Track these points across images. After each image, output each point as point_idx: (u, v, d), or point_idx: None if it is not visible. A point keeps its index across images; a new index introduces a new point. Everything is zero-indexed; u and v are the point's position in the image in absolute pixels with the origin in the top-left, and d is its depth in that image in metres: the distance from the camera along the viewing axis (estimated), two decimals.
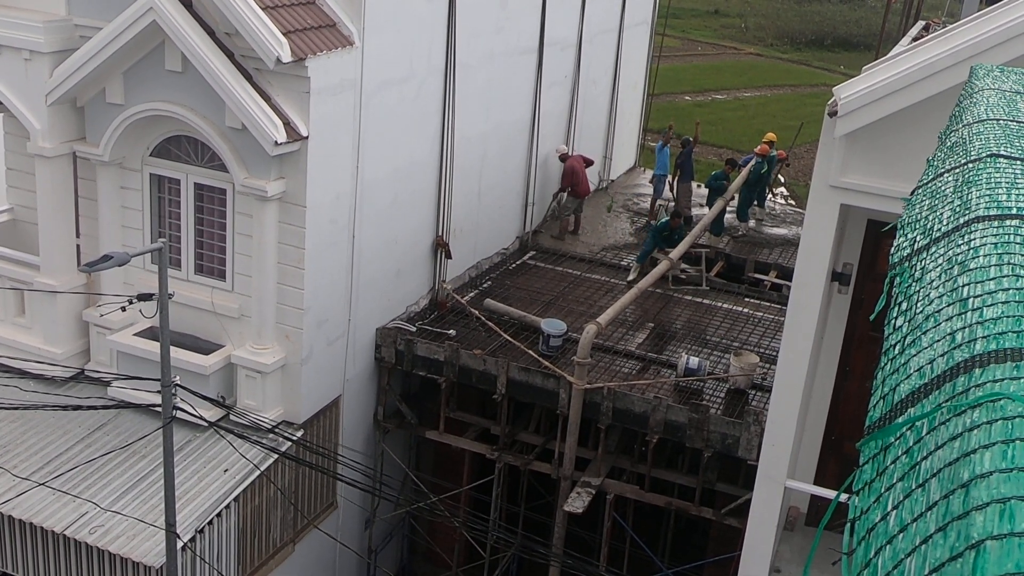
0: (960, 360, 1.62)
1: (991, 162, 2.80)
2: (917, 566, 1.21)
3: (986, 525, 1.16)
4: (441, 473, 16.74)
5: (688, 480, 14.38)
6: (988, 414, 1.40)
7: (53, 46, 12.90)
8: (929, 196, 2.80)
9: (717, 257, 19.64)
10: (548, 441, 15.24)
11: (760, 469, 9.82)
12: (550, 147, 20.06)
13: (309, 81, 12.21)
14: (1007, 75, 4.52)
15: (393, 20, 13.80)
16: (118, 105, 12.92)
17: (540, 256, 19.51)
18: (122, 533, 11.82)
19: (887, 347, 1.99)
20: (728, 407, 14.05)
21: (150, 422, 12.91)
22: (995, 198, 2.40)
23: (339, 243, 13.65)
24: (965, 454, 1.32)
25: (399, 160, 14.76)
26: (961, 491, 1.25)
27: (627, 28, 23.03)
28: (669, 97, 41.15)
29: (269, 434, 13.07)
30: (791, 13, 67.12)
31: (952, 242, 2.22)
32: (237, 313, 13.33)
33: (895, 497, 1.43)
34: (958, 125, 3.61)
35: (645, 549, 15.14)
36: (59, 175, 13.50)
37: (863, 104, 8.48)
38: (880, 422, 1.70)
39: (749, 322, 17.12)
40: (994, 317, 1.71)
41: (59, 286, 13.59)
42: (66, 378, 13.97)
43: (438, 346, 15.04)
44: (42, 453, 12.93)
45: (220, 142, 12.52)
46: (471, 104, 16.42)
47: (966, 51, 8.12)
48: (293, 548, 14.20)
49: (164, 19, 12.01)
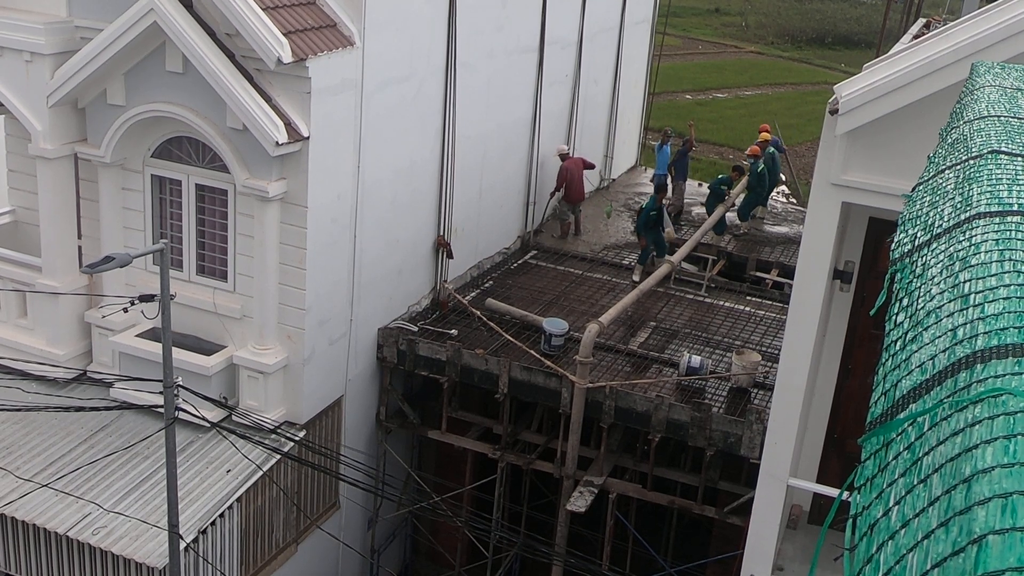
0: (962, 356, 1.62)
1: (992, 158, 2.80)
2: (919, 561, 1.21)
3: (988, 520, 1.16)
4: (443, 473, 16.74)
5: (690, 479, 14.38)
6: (990, 409, 1.40)
7: (54, 48, 12.91)
8: (930, 192, 2.80)
9: (719, 256, 19.63)
10: (550, 440, 15.25)
11: (762, 467, 9.82)
12: (551, 146, 20.06)
13: (310, 81, 12.22)
14: (1008, 72, 4.52)
15: (393, 20, 13.80)
16: (119, 106, 12.92)
17: (541, 255, 19.51)
18: (125, 534, 11.83)
19: (888, 343, 1.99)
20: (730, 406, 14.05)
21: (152, 423, 12.92)
22: (996, 194, 2.40)
23: (340, 243, 13.66)
24: (967, 449, 1.32)
25: (400, 160, 14.76)
26: (963, 486, 1.25)
27: (628, 27, 23.03)
28: (670, 96, 41.14)
29: (271, 434, 13.08)
30: (792, 11, 67.10)
31: (953, 238, 2.22)
32: (239, 313, 13.33)
33: (897, 493, 1.43)
34: (959, 122, 3.61)
35: (648, 548, 15.14)
36: (60, 176, 13.52)
37: (864, 102, 8.48)
38: (882, 418, 1.70)
39: (751, 320, 17.12)
40: (995, 313, 1.71)
41: (61, 287, 13.60)
42: (68, 379, 13.97)
43: (440, 346, 15.05)
44: (45, 454, 12.94)
45: (221, 143, 12.52)
46: (472, 103, 16.42)
47: (967, 48, 8.12)
48: (296, 548, 14.20)
49: (165, 20, 12.02)
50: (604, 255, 19.53)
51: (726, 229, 20.59)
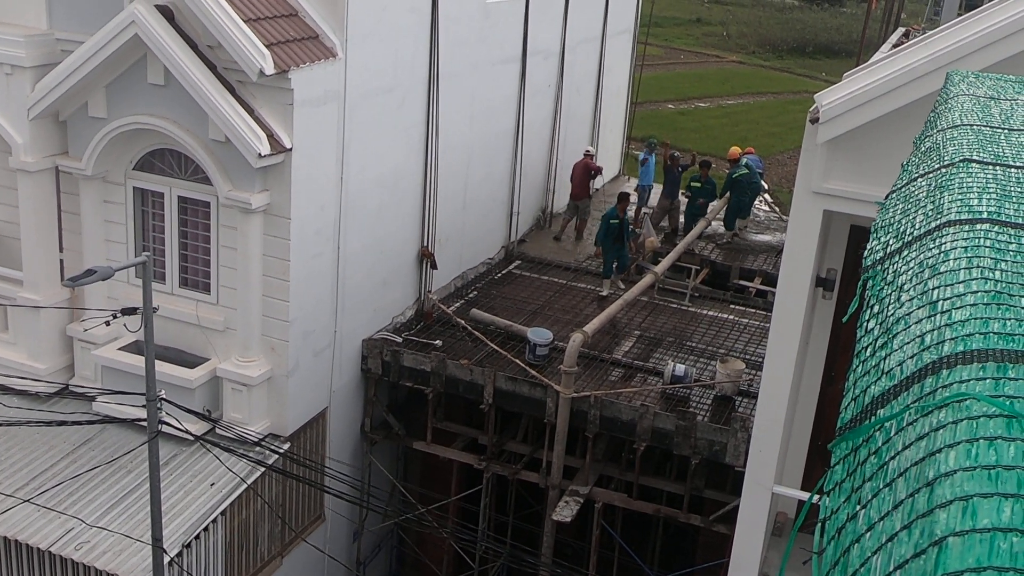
0: (929, 361, 1.65)
1: (964, 167, 2.83)
2: (883, 563, 1.23)
3: (949, 522, 1.18)
4: (429, 484, 16.70)
5: (676, 487, 14.39)
6: (954, 414, 1.42)
7: (35, 60, 12.86)
8: (903, 200, 2.84)
9: (703, 265, 19.71)
10: (536, 450, 15.24)
11: (747, 475, 9.84)
12: (535, 156, 20.14)
13: (292, 93, 12.22)
14: (982, 80, 4.57)
15: (376, 31, 13.82)
16: (101, 119, 12.89)
17: (526, 266, 19.53)
18: (108, 549, 11.75)
19: (859, 350, 2.02)
20: (715, 414, 14.08)
21: (135, 437, 12.85)
22: (967, 202, 2.43)
23: (324, 254, 13.64)
24: (931, 453, 1.34)
25: (384, 171, 14.77)
26: (926, 489, 1.27)
27: (610, 37, 23.13)
28: (652, 105, 41.28)
29: (256, 447, 13.03)
30: (773, 21, 67.50)
31: (924, 246, 2.25)
32: (222, 326, 13.29)
33: (864, 497, 1.45)
34: (933, 130, 3.65)
35: (634, 557, 15.15)
36: (42, 189, 13.46)
37: (844, 111, 8.54)
38: (851, 423, 1.72)
39: (735, 329, 17.18)
40: (962, 319, 1.73)
41: (43, 301, 13.53)
42: (50, 393, 13.89)
43: (424, 356, 15.03)
44: (27, 469, 12.86)
45: (203, 155, 12.50)
46: (455, 114, 16.45)
47: (944, 57, 8.19)
48: (281, 562, 14.14)
49: (146, 32, 12.00)
50: (588, 265, 19.57)
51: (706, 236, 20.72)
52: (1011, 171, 2.85)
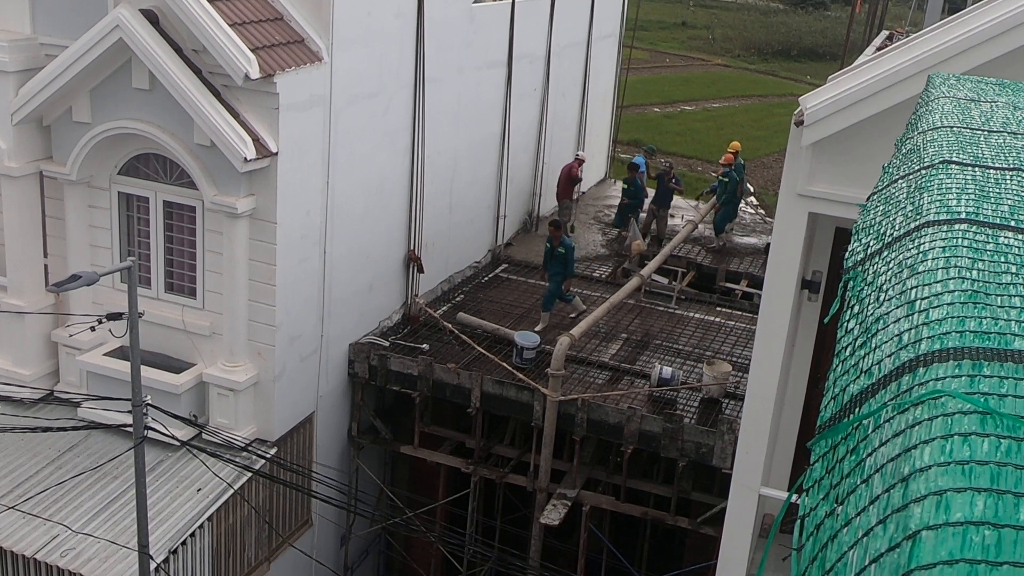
0: (906, 360, 1.67)
1: (943, 168, 2.86)
2: (859, 558, 1.25)
3: (923, 516, 1.19)
4: (416, 488, 16.69)
5: (663, 490, 14.42)
6: (929, 411, 1.44)
7: (18, 65, 12.81)
8: (883, 202, 2.86)
9: (689, 268, 19.77)
10: (523, 454, 15.25)
11: (735, 477, 9.87)
12: (521, 160, 20.15)
13: (278, 97, 12.21)
14: (962, 83, 4.61)
15: (361, 36, 13.82)
16: (85, 123, 12.84)
17: (512, 269, 19.55)
18: (94, 555, 11.70)
19: (839, 349, 2.04)
20: (702, 416, 14.12)
21: (121, 442, 12.80)
22: (945, 203, 2.46)
23: (310, 259, 13.62)
24: (906, 450, 1.36)
25: (370, 175, 14.76)
26: (901, 485, 1.29)
27: (595, 41, 23.18)
28: (638, 109, 41.37)
29: (242, 452, 12.99)
30: (757, 24, 67.76)
31: (903, 246, 2.27)
32: (208, 331, 13.25)
33: (841, 493, 1.47)
34: (914, 132, 3.68)
35: (622, 560, 15.17)
36: (26, 195, 13.40)
37: (829, 113, 8.58)
38: (830, 422, 1.74)
39: (721, 331, 17.23)
40: (939, 318, 1.75)
41: (27, 307, 13.46)
42: (35, 400, 13.82)
43: (412, 360, 15.03)
44: (11, 476, 12.78)
45: (189, 159, 12.47)
46: (441, 118, 16.46)
47: (927, 60, 8.24)
48: (268, 567, 14.10)
49: (130, 37, 11.97)
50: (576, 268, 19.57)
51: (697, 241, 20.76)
52: (990, 172, 2.88)
